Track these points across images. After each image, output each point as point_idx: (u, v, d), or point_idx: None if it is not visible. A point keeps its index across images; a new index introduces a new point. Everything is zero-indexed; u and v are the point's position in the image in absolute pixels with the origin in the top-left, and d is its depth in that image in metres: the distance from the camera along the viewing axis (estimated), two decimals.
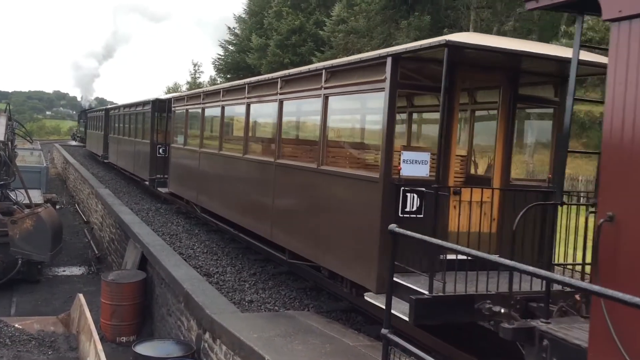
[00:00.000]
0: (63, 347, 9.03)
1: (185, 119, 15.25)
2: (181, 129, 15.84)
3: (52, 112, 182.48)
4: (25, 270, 13.94)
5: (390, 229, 4.14)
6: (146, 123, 19.89)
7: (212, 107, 13.24)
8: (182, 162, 15.31)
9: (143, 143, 19.82)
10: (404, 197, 6.25)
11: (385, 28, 25.27)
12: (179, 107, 15.97)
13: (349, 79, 7.40)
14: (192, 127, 15.23)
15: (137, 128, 21.57)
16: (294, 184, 8.80)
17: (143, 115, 20.28)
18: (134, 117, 22.28)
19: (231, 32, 44.45)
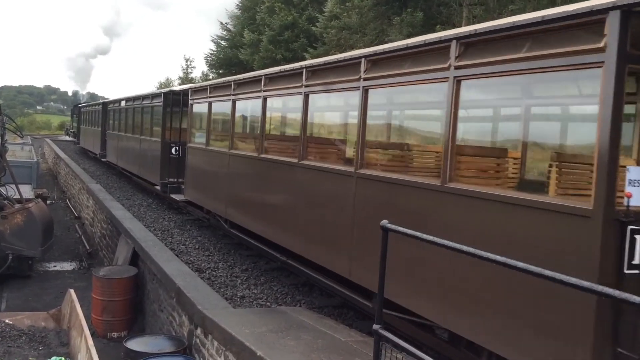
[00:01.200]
0: (54, 342, 8.99)
1: (207, 114, 12.57)
2: (202, 126, 13.54)
3: (43, 106, 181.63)
4: (16, 265, 13.87)
5: (382, 225, 4.14)
6: (156, 118, 17.65)
7: (249, 98, 10.54)
8: (203, 165, 12.76)
9: (152, 141, 17.50)
10: (631, 241, 3.96)
11: (378, 24, 25.24)
12: (199, 100, 13.37)
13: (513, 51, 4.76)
14: (218, 124, 12.94)
15: (144, 124, 19.19)
16: (395, 206, 6.13)
17: (152, 109, 17.97)
18: (139, 112, 19.86)
19: (223, 28, 44.28)
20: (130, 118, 21.33)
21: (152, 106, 17.77)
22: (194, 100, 13.66)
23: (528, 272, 2.93)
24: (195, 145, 13.33)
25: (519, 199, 4.60)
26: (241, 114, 11.71)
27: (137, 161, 19.60)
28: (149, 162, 17.63)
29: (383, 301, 4.33)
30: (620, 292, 2.46)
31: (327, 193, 7.45)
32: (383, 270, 4.20)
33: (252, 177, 9.93)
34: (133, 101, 21.10)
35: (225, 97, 11.49)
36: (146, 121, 18.90)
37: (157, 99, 17.28)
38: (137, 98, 20.71)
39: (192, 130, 13.91)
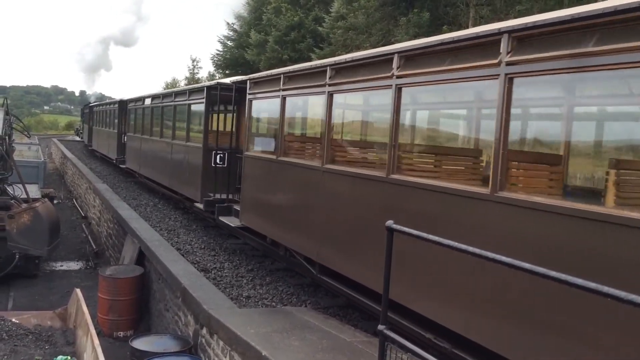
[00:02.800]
0: (60, 341, 9.02)
1: (280, 113, 9.22)
2: (270, 129, 10.58)
3: (50, 106, 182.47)
4: (23, 264, 13.94)
5: (387, 225, 4.13)
6: (195, 119, 14.70)
7: (361, 90, 7.50)
8: (274, 183, 9.35)
9: (189, 147, 14.24)
10: None
11: (384, 25, 25.23)
12: (264, 94, 10.06)
13: None
14: (297, 127, 10.42)
15: (177, 126, 15.98)
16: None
17: (188, 108, 14.71)
18: (170, 111, 16.61)
19: (230, 28, 44.35)
20: (158, 118, 17.94)
21: (190, 104, 14.60)
22: (256, 94, 10.40)
23: (534, 273, 2.92)
24: (259, 155, 10.07)
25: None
26: (347, 114, 9.22)
27: (167, 171, 16.14)
28: (185, 173, 14.25)
29: (388, 302, 4.31)
30: (626, 294, 2.44)
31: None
32: (388, 271, 4.18)
33: (374, 207, 6.55)
34: (162, 98, 17.80)
35: (313, 88, 8.19)
36: (181, 122, 15.68)
37: (196, 95, 14.19)
38: (167, 95, 17.50)
39: (251, 135, 10.70)
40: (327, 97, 7.70)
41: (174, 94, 16.46)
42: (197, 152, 13.35)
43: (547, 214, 4.36)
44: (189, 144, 14.29)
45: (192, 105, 14.58)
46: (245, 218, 10.47)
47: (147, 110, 19.54)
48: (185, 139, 14.68)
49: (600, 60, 4.13)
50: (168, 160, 16.17)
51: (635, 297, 2.38)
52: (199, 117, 14.32)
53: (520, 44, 4.75)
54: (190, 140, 14.37)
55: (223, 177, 12.37)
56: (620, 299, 2.42)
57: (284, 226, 8.95)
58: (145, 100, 19.95)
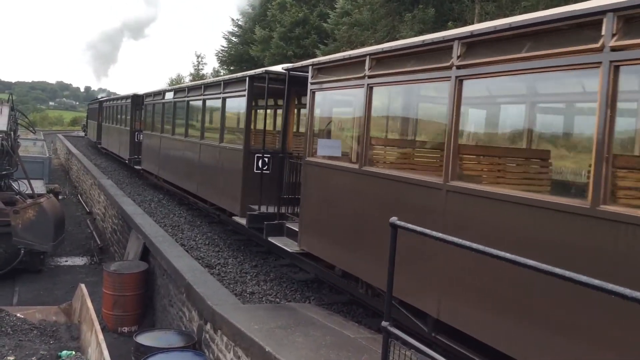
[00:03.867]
0: (65, 336, 9.07)
1: (365, 108, 6.95)
2: (346, 128, 9.12)
3: (56, 102, 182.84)
4: (28, 260, 14.00)
5: (391, 222, 4.13)
6: (231, 116, 12.78)
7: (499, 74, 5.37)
8: (343, 200, 7.41)
9: (225, 150, 11.81)
10: None
11: (389, 21, 25.16)
12: (333, 84, 7.96)
13: None
14: (397, 127, 8.95)
15: (208, 124, 14.06)
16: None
17: (223, 102, 12.43)
18: (198, 107, 14.36)
19: (234, 24, 44.35)
20: (182, 115, 15.66)
21: (225, 97, 12.32)
22: (322, 84, 8.16)
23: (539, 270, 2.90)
24: (329, 163, 7.92)
25: None
26: (479, 112, 7.66)
27: (195, 176, 13.88)
28: (219, 180, 12.06)
29: (391, 298, 4.31)
30: (631, 291, 2.43)
31: None
32: (392, 268, 4.18)
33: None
34: (188, 92, 15.39)
35: (426, 73, 6.00)
36: (212, 120, 13.98)
37: (234, 87, 11.72)
38: (194, 88, 15.11)
39: (314, 136, 8.60)
40: (454, 85, 5.43)
41: (203, 86, 14.03)
42: (236, 155, 10.99)
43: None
44: (225, 146, 11.94)
45: (227, 100, 12.29)
46: (306, 242, 8.31)
47: (169, 106, 17.20)
48: (218, 139, 12.29)
49: None
50: (195, 163, 13.82)
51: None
52: (238, 113, 12.47)
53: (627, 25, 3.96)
54: (226, 140, 12.15)
55: (269, 186, 10.08)
56: (624, 296, 2.41)
57: (370, 261, 6.63)
58: (166, 95, 17.56)
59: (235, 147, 11.30)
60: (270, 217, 9.74)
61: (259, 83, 10.62)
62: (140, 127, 21.88)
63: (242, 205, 10.57)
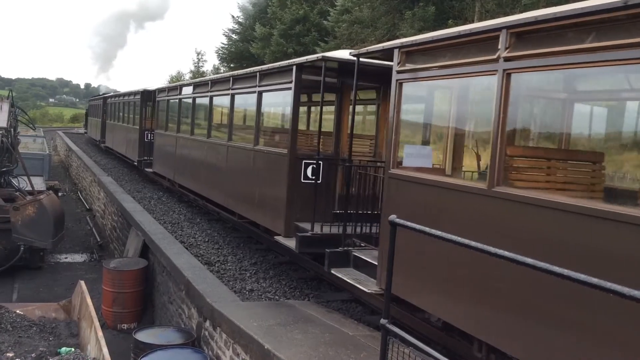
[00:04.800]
0: (64, 333, 9.07)
1: (499, 106, 4.99)
2: (457, 133, 7.34)
3: (56, 99, 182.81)
4: (28, 256, 14.01)
5: (390, 220, 4.13)
6: (271, 114, 11.78)
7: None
8: (468, 229, 5.14)
9: (263, 154, 9.87)
10: None
11: (390, 18, 25.16)
12: (433, 71, 6.11)
13: None
14: (546, 134, 7.26)
15: (238, 123, 12.10)
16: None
17: (259, 97, 10.22)
18: (225, 103, 12.35)
19: (235, 21, 44.33)
20: (204, 112, 13.85)
21: (261, 91, 10.23)
22: (417, 72, 6.26)
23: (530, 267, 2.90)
24: (427, 179, 5.99)
25: None
26: None
27: (222, 184, 11.71)
28: (255, 190, 9.99)
29: (390, 297, 4.32)
30: (629, 290, 2.43)
31: None
32: (391, 266, 4.19)
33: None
34: (211, 86, 13.13)
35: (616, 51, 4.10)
36: (244, 118, 12.30)
37: (276, 79, 9.63)
38: (220, 81, 12.72)
39: (400, 142, 6.62)
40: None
41: (231, 79, 11.74)
42: (279, 161, 9.02)
43: None
44: (261, 149, 9.92)
45: (265, 94, 10.25)
46: (402, 285, 5.81)
47: (186, 102, 15.21)
48: (253, 141, 10.25)
49: None
50: (221, 169, 11.76)
51: (637, 292, 2.37)
52: (280, 110, 11.17)
53: None
54: (263, 143, 10.22)
55: (324, 199, 8.52)
56: (622, 295, 2.42)
57: (499, 320, 4.79)
58: (183, 89, 15.59)
59: (278, 151, 9.23)
60: (328, 240, 7.84)
61: (309, 74, 8.81)
62: (151, 126, 19.88)
63: (287, 222, 8.67)
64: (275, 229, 9.04)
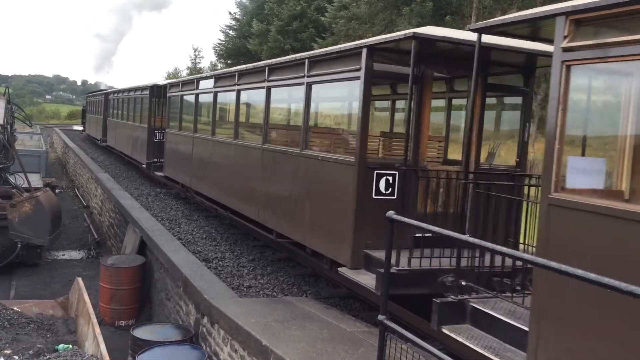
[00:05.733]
0: (61, 330, 9.07)
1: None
2: None
3: (52, 96, 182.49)
4: (25, 253, 13.99)
5: (387, 216, 4.13)
6: (328, 112, 10.47)
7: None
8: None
9: (313, 162, 7.96)
10: None
11: (387, 14, 25.14)
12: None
13: None
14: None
15: (276, 122, 10.77)
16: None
17: (308, 91, 8.29)
18: (257, 99, 10.86)
19: (232, 17, 44.27)
20: (228, 109, 12.38)
21: (312, 83, 8.22)
22: (606, 48, 4.08)
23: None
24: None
25: None
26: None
27: (256, 195, 9.78)
28: (306, 205, 8.06)
29: (387, 294, 4.32)
30: (627, 285, 2.43)
31: None
32: (388, 260, 4.19)
33: None
34: (239, 79, 10.96)
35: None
36: (286, 116, 11.01)
37: (336, 66, 7.58)
38: (251, 72, 10.55)
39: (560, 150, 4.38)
40: None
41: (267, 69, 9.63)
42: (341, 171, 7.14)
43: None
44: (313, 155, 7.95)
45: (315, 86, 8.25)
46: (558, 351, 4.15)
47: (206, 98, 13.42)
48: (300, 144, 8.26)
49: None
50: (255, 177, 9.82)
51: (635, 288, 2.36)
52: (341, 106, 9.70)
53: None
54: (314, 147, 8.36)
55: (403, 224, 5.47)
56: (620, 290, 2.42)
57: None
58: (201, 83, 13.66)
59: (340, 159, 7.38)
60: (418, 277, 5.99)
61: (382, 60, 6.96)
62: (161, 125, 18.00)
63: (355, 250, 6.77)
64: (338, 258, 7.15)
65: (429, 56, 6.81)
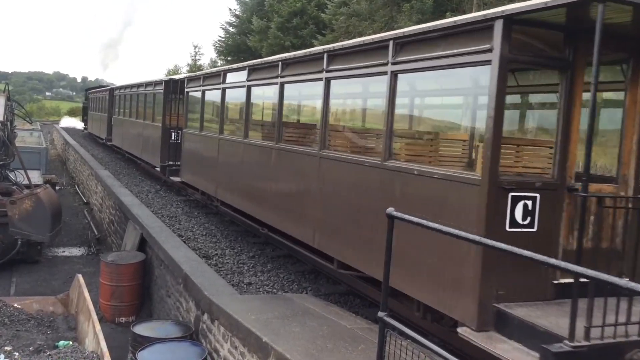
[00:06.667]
0: (62, 327, 9.07)
1: None
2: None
3: (52, 93, 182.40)
4: (25, 250, 14.01)
5: (387, 213, 4.13)
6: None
7: None
8: None
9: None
10: None
11: (387, 11, 25.10)
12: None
13: None
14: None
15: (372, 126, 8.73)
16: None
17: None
18: (357, 94, 9.19)
19: (232, 14, 44.19)
20: (263, 106, 11.36)
21: (398, 72, 6.28)
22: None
23: None
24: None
25: None
26: None
27: (308, 213, 7.94)
28: (411, 242, 5.60)
29: (388, 288, 4.32)
30: (626, 282, 2.42)
31: None
32: (389, 258, 4.18)
33: None
34: (282, 69, 8.89)
35: None
36: (355, 114, 9.30)
37: (442, 47, 5.56)
38: (302, 60, 8.45)
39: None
40: None
41: (326, 55, 7.52)
42: (455, 192, 5.26)
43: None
44: (404, 168, 6.01)
45: (402, 76, 6.35)
46: None
47: (236, 94, 11.50)
48: (382, 153, 6.34)
49: None
50: (309, 192, 7.91)
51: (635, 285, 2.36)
52: (462, 102, 7.77)
53: None
54: (398, 155, 6.45)
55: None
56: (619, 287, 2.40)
57: None
58: (229, 77, 11.60)
59: (454, 175, 5.38)
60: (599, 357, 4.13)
61: (523, 37, 5.07)
62: (177, 123, 16.32)
63: (483, 305, 4.85)
64: (453, 313, 5.17)
65: (586, 32, 4.63)
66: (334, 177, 7.32)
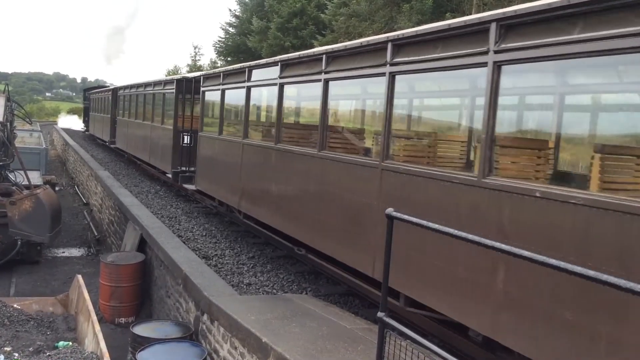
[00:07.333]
0: (61, 327, 9.07)
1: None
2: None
3: (52, 93, 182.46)
4: (25, 251, 14.01)
5: (386, 213, 4.12)
6: None
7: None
8: None
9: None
10: None
11: (387, 11, 25.10)
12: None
13: None
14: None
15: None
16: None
17: None
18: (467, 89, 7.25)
19: (232, 14, 44.18)
20: (301, 107, 10.66)
21: (505, 63, 4.71)
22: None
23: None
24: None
25: None
26: None
27: (367, 240, 6.41)
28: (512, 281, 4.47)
29: (387, 289, 4.31)
30: (626, 282, 2.43)
31: None
32: (388, 259, 4.18)
33: None
34: (327, 63, 7.48)
35: None
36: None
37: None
38: (355, 51, 6.96)
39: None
40: None
41: (390, 46, 6.14)
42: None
43: None
44: (506, 185, 4.56)
45: (505, 67, 4.76)
46: None
47: (264, 93, 10.79)
48: (479, 168, 4.84)
49: None
50: (363, 209, 6.57)
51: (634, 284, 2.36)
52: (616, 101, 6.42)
53: None
54: (501, 169, 5.02)
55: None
56: (619, 287, 2.42)
57: None
58: (254, 74, 10.29)
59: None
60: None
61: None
62: (190, 126, 15.23)
63: None
64: None
65: None
66: (398, 194, 5.95)
